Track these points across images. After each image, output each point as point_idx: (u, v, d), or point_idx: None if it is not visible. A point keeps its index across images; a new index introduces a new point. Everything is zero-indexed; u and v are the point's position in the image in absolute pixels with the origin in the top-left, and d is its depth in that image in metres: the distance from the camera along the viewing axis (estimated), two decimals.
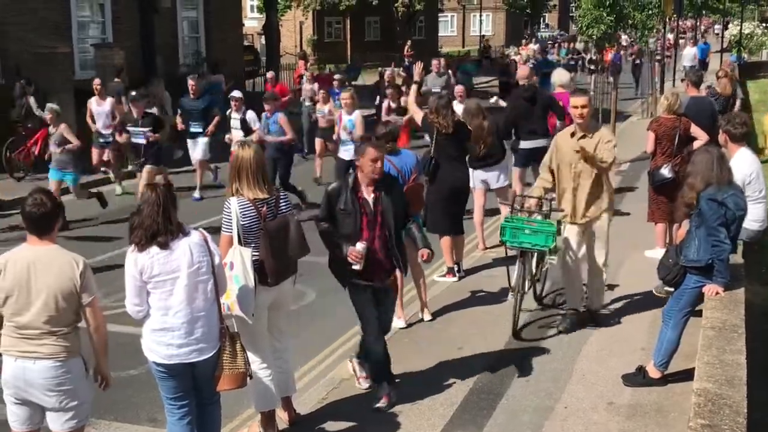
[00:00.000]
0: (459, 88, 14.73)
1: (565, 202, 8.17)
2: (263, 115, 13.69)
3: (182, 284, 5.24)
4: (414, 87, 10.76)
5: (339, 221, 6.58)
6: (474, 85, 24.80)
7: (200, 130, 15.19)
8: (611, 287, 9.19)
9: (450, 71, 22.72)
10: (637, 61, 31.37)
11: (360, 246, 6.45)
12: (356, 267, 6.48)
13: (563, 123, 12.55)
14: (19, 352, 4.96)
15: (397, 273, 7.05)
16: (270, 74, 22.16)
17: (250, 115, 13.96)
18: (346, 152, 12.85)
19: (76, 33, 21.52)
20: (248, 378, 5.65)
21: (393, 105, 16.92)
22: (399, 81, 22.58)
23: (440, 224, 9.81)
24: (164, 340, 5.27)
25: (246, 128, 13.75)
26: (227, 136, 14.14)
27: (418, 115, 10.19)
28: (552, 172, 8.24)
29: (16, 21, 19.34)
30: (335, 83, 19.35)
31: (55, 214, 5.07)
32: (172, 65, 23.94)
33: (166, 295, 5.25)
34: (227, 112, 14.59)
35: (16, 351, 4.97)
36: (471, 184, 10.58)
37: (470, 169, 10.63)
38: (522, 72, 13.10)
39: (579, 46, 42.04)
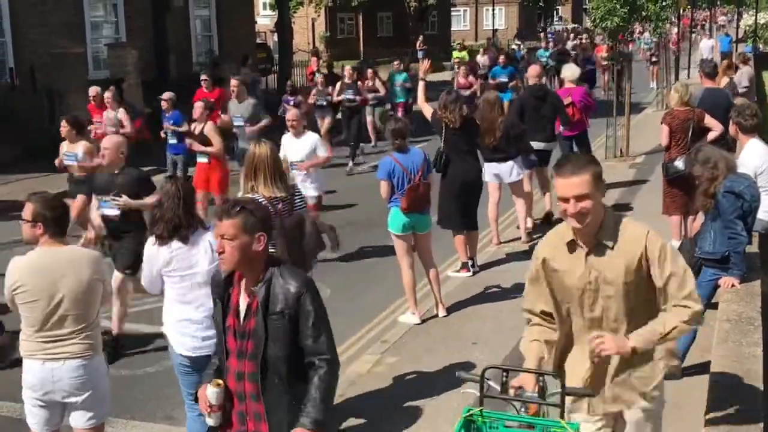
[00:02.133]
0: (291, 114, 10.77)
1: (571, 371, 4.25)
2: None
3: (201, 279, 5.29)
4: (422, 84, 10.74)
5: None
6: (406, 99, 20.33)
7: None
8: None
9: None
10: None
11: (211, 390, 4.08)
12: (209, 422, 4.17)
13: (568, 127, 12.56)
14: (47, 355, 4.98)
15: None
16: (93, 90, 15.71)
17: None
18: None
19: (90, 33, 21.62)
20: None
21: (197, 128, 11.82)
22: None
23: (453, 220, 9.81)
24: (189, 332, 5.33)
25: None
26: None
27: (427, 111, 10.17)
28: (544, 307, 4.36)
29: (30, 22, 19.46)
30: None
31: (66, 217, 5.15)
32: (185, 64, 24.02)
33: (186, 290, 5.30)
34: None
35: (43, 354, 4.99)
36: (484, 178, 10.54)
37: (483, 163, 10.60)
38: (533, 71, 12.85)
39: (569, 45, 37.04)
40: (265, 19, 47.34)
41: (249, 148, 6.22)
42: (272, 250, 5.90)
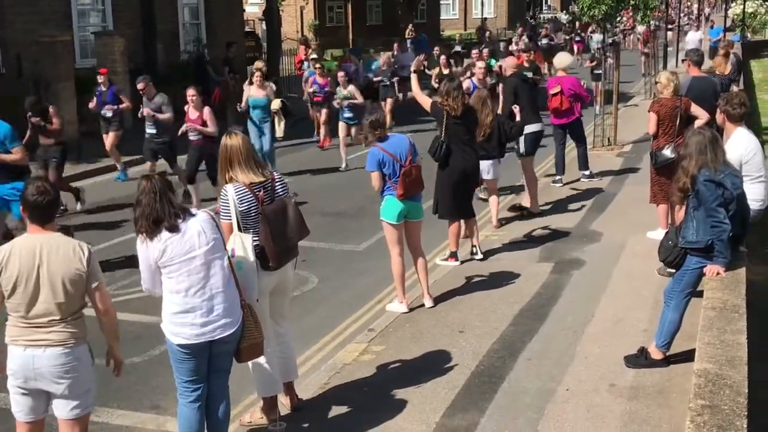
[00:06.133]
0: None
1: None
2: None
3: (199, 263, 5.29)
4: (414, 76, 10.70)
5: None
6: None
7: None
8: None
9: None
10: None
11: None
12: None
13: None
14: (28, 341, 4.96)
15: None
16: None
17: None
18: None
19: (77, 21, 21.50)
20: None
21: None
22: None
23: (451, 210, 9.77)
24: (187, 320, 5.31)
25: None
26: None
27: (425, 101, 10.10)
28: None
29: (16, 9, 19.33)
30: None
31: (56, 204, 5.09)
32: (172, 52, 23.91)
33: (184, 276, 5.28)
34: None
35: (24, 340, 4.97)
36: None
37: None
38: (511, 61, 12.97)
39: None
40: (253, 7, 47.12)
41: (223, 140, 6.20)
42: (255, 238, 5.91)
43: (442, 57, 20.65)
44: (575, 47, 35.41)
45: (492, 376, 7.03)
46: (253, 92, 14.65)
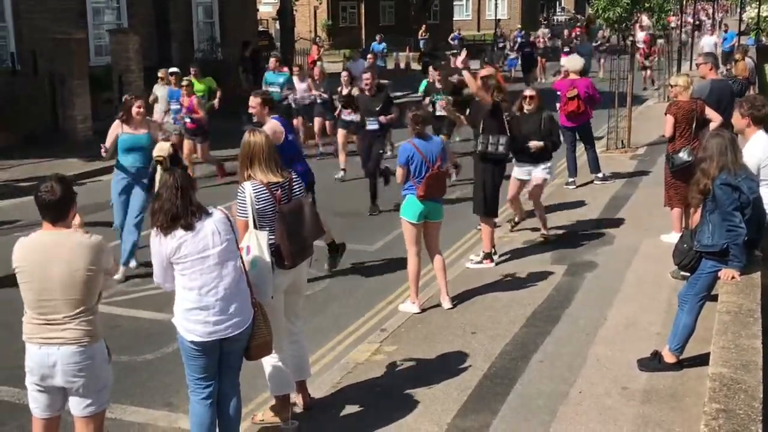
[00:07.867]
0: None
1: None
2: None
3: (212, 262, 5.30)
4: (466, 72, 10.60)
5: None
6: None
7: None
8: None
9: None
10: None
11: None
12: None
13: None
14: (43, 338, 4.96)
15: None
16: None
17: None
18: None
19: (92, 19, 21.59)
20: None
21: None
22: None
23: (490, 205, 9.78)
24: (200, 318, 5.32)
25: None
26: None
27: (488, 99, 9.91)
28: None
29: (32, 8, 19.41)
30: None
31: (66, 202, 5.04)
32: (186, 51, 23.95)
33: (197, 275, 5.29)
34: None
35: (39, 338, 4.97)
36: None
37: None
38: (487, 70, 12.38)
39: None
40: (267, 6, 47.20)
41: (246, 137, 6.20)
42: (271, 237, 5.92)
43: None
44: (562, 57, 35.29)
45: (504, 378, 7.02)
46: (127, 128, 9.89)
